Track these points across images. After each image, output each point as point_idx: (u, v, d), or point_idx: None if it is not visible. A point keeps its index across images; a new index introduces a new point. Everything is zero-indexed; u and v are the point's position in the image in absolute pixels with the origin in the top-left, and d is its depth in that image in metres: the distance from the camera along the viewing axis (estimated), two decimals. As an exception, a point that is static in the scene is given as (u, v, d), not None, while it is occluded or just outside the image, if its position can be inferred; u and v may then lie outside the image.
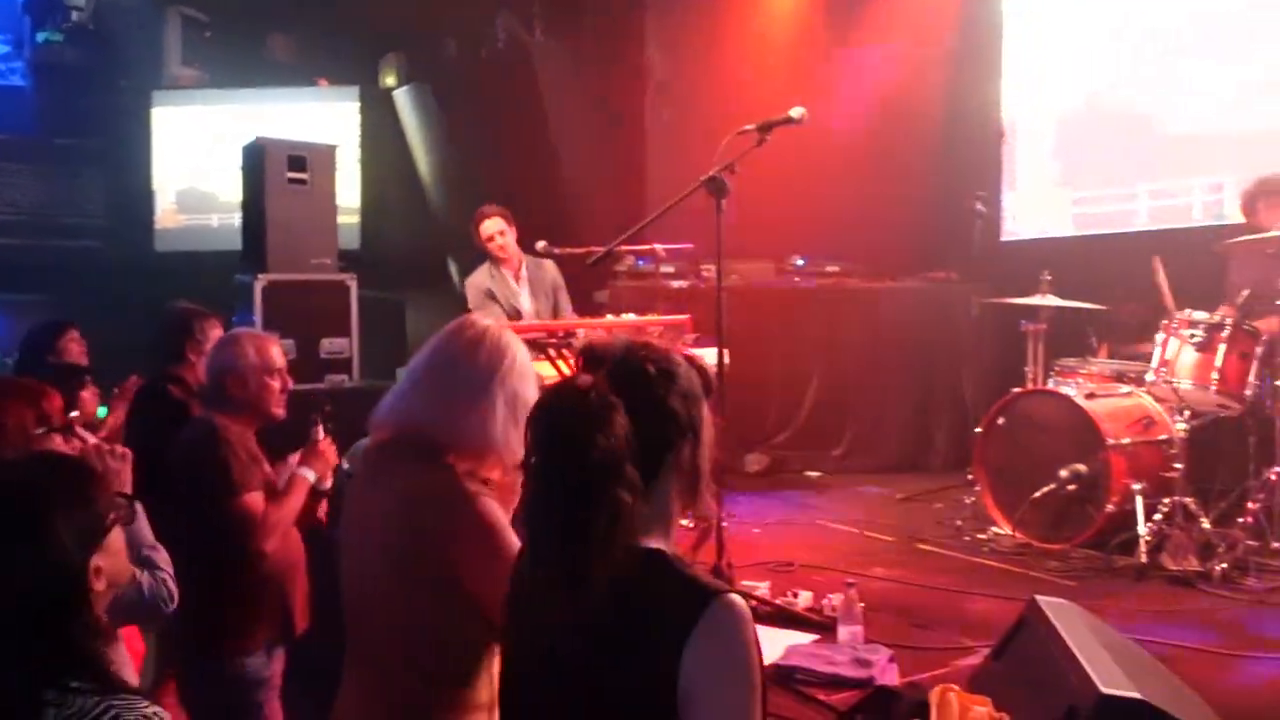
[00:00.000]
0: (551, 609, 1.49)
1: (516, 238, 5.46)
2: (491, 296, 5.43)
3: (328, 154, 6.00)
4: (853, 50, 7.25)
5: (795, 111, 3.77)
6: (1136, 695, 1.99)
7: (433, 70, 8.47)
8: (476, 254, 5.87)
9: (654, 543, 1.50)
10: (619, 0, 7.67)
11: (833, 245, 6.77)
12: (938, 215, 6.54)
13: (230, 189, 8.47)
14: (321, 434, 2.81)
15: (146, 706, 1.45)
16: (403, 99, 8.62)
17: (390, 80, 8.81)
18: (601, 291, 6.48)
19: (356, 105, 8.71)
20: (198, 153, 8.69)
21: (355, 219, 8.49)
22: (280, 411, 2.74)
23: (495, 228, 5.43)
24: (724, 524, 3.89)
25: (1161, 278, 4.73)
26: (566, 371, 4.56)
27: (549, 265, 5.56)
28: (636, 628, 1.41)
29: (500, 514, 1.81)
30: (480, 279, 5.49)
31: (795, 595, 3.69)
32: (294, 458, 2.84)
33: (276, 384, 2.72)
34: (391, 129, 8.69)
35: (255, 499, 2.59)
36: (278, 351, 2.78)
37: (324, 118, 8.68)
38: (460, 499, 1.80)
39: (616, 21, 7.71)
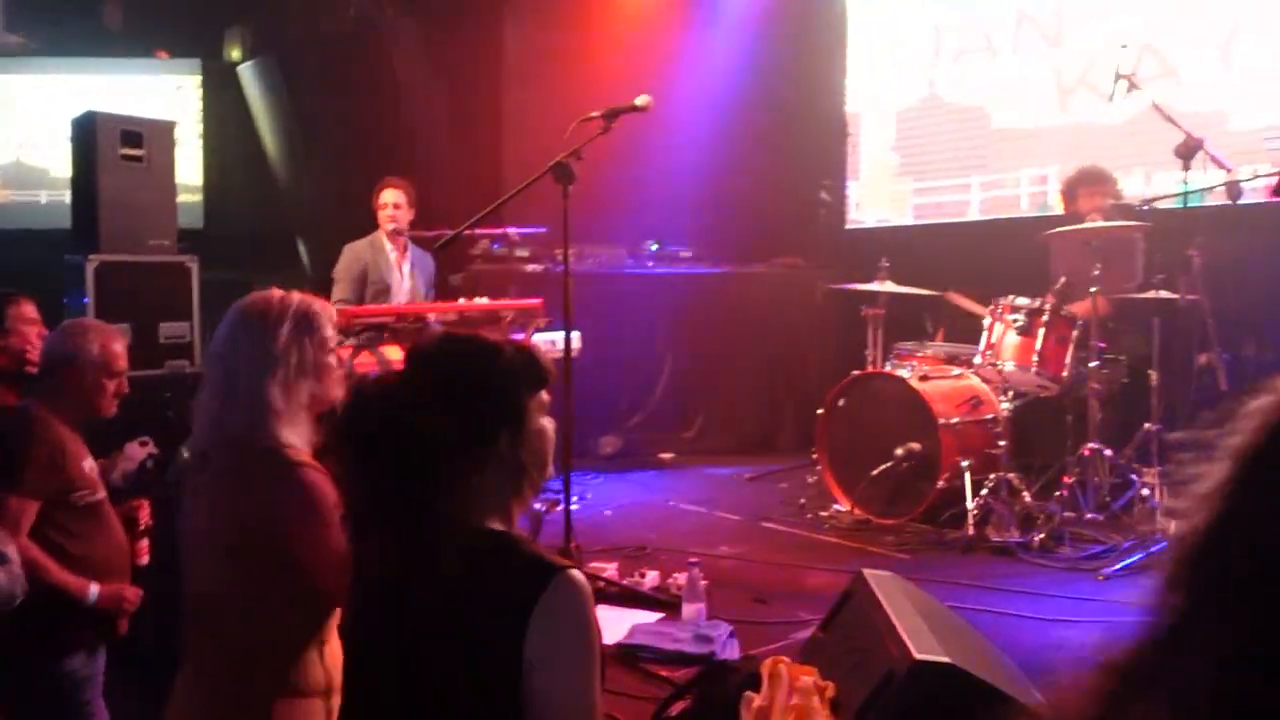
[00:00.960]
0: (392, 591, 1.53)
1: (411, 219, 5.41)
2: (363, 269, 5.34)
3: (166, 130, 5.77)
4: (705, 39, 7.36)
5: (641, 100, 3.82)
6: (946, 660, 2.13)
7: (279, 45, 8.21)
8: (330, 232, 5.76)
9: (494, 525, 1.55)
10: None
11: (685, 231, 6.89)
12: (785, 203, 6.73)
13: (62, 164, 8.05)
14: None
15: None
16: (248, 74, 8.33)
17: (234, 54, 8.50)
18: (456, 275, 6.44)
19: (198, 79, 8.39)
20: (24, 125, 8.22)
21: (198, 197, 8.19)
22: (111, 411, 2.66)
23: (393, 198, 5.38)
24: (574, 506, 3.96)
25: (961, 302, 5.04)
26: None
27: (429, 256, 5.53)
28: (479, 605, 1.45)
29: (325, 484, 1.83)
30: (360, 248, 5.41)
31: (642, 575, 3.77)
32: (131, 446, 2.77)
33: (112, 386, 2.63)
34: (236, 104, 8.40)
35: (20, 507, 2.42)
36: (122, 351, 2.69)
37: (164, 91, 8.32)
38: (283, 471, 1.82)
39: (472, 1, 7.63)
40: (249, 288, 6.50)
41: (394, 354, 4.59)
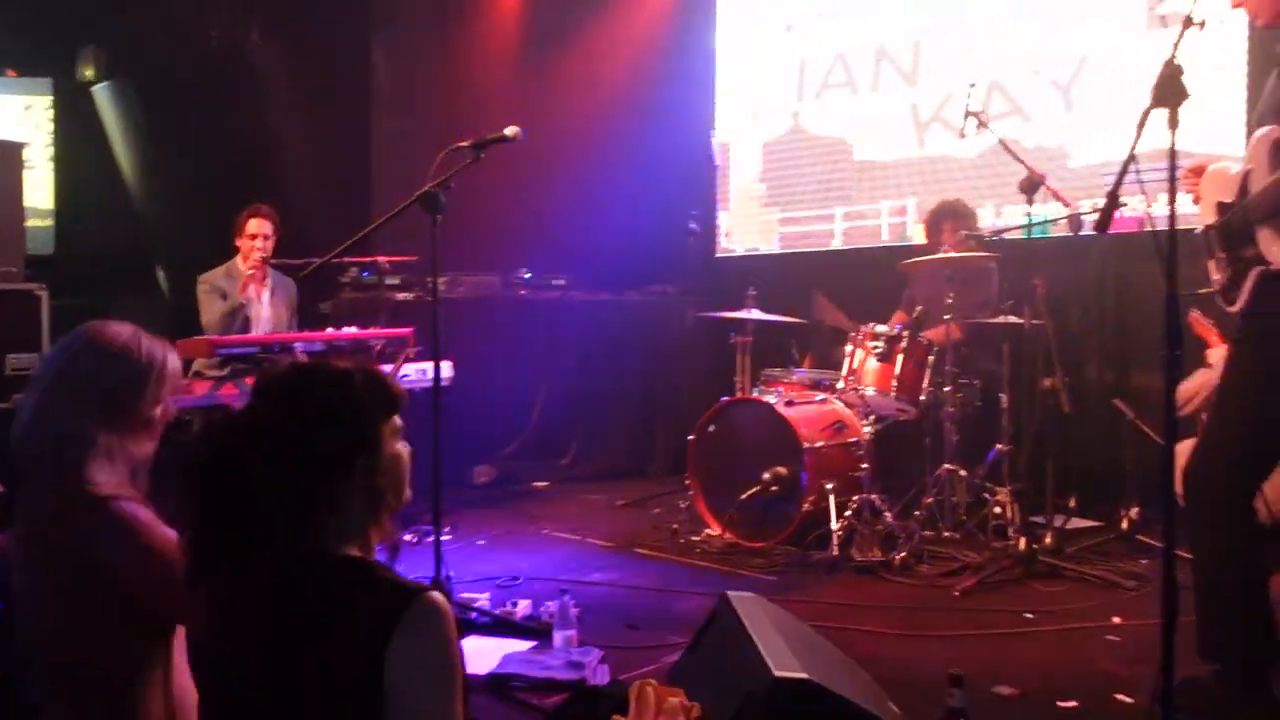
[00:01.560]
0: (245, 625, 1.50)
1: (274, 245, 5.29)
2: (224, 299, 5.20)
3: (13, 151, 5.53)
4: (576, 69, 7.44)
5: (510, 130, 3.84)
6: (805, 676, 2.19)
7: (137, 65, 7.95)
8: (190, 259, 5.59)
9: (352, 553, 1.54)
10: (342, 5, 7.49)
11: (558, 259, 6.92)
12: (657, 231, 6.82)
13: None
14: None
15: None
16: (103, 95, 8.03)
17: (88, 73, 8.18)
18: (325, 303, 6.32)
19: (49, 99, 8.04)
20: None
21: (49, 222, 7.83)
22: None
23: (261, 229, 5.23)
24: (445, 537, 3.92)
25: (824, 305, 5.20)
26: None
27: (291, 283, 5.41)
28: (336, 633, 1.44)
29: (144, 513, 1.81)
30: (217, 278, 5.25)
31: (514, 605, 3.76)
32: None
33: None
34: (90, 126, 8.08)
35: None
36: None
37: (12, 111, 7.95)
38: (94, 507, 1.78)
39: (340, 27, 7.53)
40: (104, 316, 6.24)
41: (258, 384, 4.49)
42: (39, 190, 7.41)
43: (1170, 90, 2.50)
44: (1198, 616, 2.84)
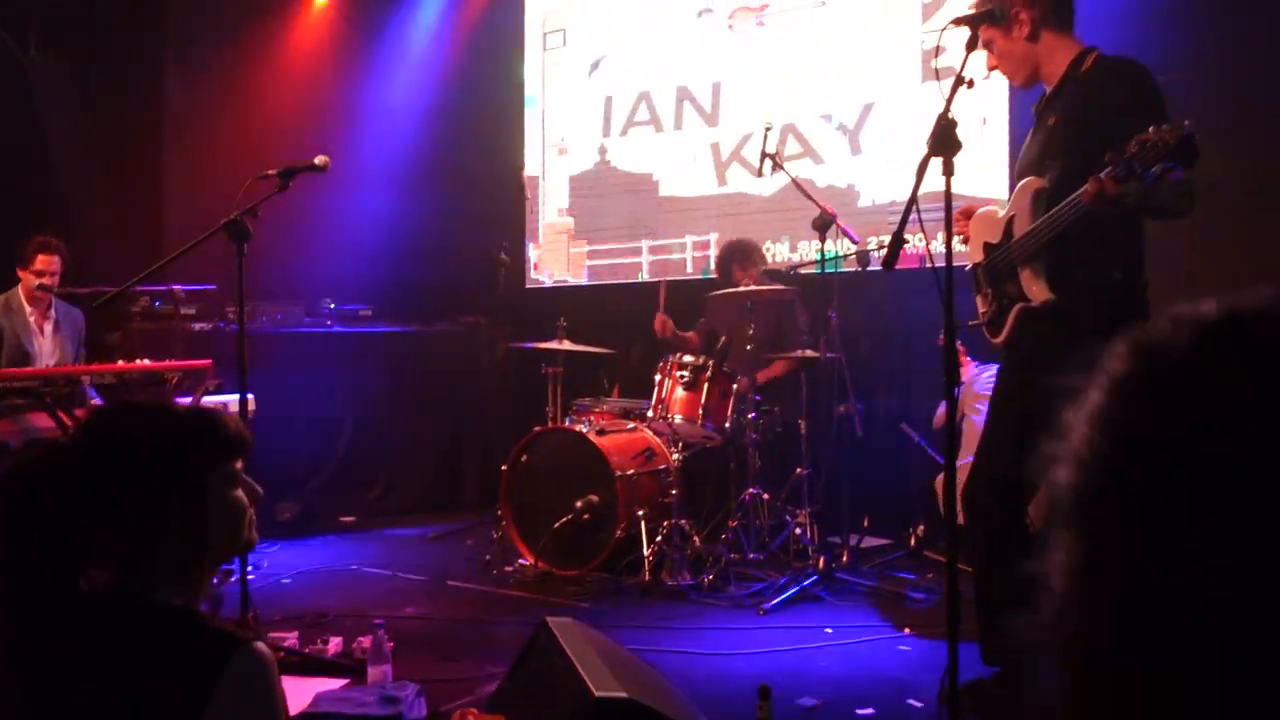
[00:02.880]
0: (53, 679, 1.43)
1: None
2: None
3: None
4: (383, 101, 7.38)
5: (319, 160, 3.80)
6: (624, 695, 2.26)
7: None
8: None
9: (174, 601, 1.49)
10: (131, 23, 7.16)
11: (365, 289, 6.81)
12: (466, 262, 6.82)
13: None
14: None
15: None
16: None
17: None
18: (113, 334, 5.99)
19: None
20: None
21: None
22: None
23: (48, 266, 4.95)
24: (250, 576, 3.80)
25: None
26: (68, 424, 4.19)
27: (78, 314, 5.10)
28: (154, 686, 1.38)
29: None
30: None
31: (325, 642, 3.67)
32: None
33: None
34: None
35: None
36: None
37: None
38: None
39: (129, 47, 7.19)
40: None
41: (41, 421, 4.23)
42: None
43: (944, 141, 2.74)
44: (980, 625, 3.08)
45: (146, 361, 4.70)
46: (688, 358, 5.01)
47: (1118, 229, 2.88)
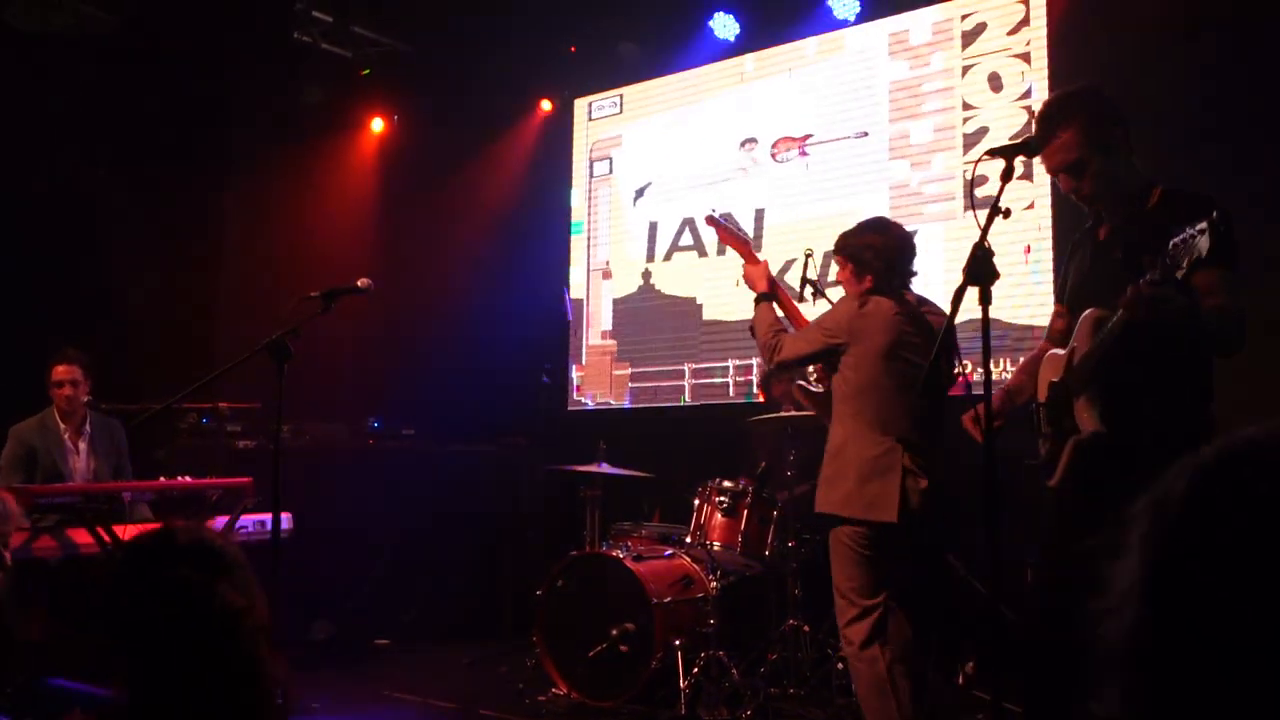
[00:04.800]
0: None
1: (88, 390, 5.06)
2: (32, 454, 4.92)
3: None
4: (432, 224, 7.57)
5: (362, 282, 3.87)
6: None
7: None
8: (14, 407, 5.31)
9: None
10: (199, 150, 7.46)
11: (408, 409, 6.86)
12: (509, 383, 6.86)
13: None
14: None
15: None
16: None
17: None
18: (161, 450, 6.07)
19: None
20: None
21: None
22: None
23: (68, 375, 5.00)
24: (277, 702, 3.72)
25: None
26: (107, 540, 4.20)
27: (117, 425, 5.17)
28: None
29: None
30: (26, 431, 4.97)
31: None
32: None
33: None
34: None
35: None
36: None
37: None
38: None
39: (193, 170, 7.48)
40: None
41: (81, 537, 4.25)
42: None
43: (981, 270, 2.72)
44: None
45: (187, 479, 4.73)
46: (727, 483, 4.94)
47: (1178, 356, 2.80)
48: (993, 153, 2.91)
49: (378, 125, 8.05)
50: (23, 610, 1.94)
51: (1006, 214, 2.79)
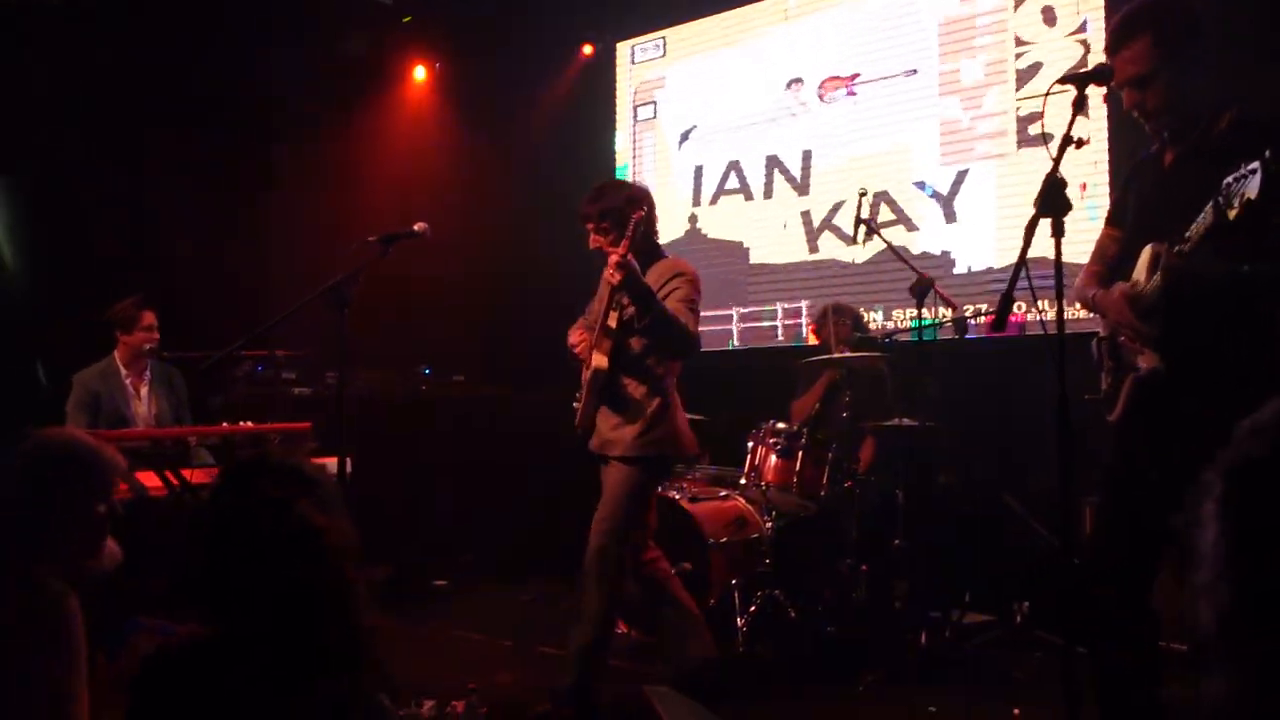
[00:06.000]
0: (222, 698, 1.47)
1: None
2: (96, 400, 5.02)
3: (-111, 238, 5.33)
4: (477, 172, 7.55)
5: (418, 226, 3.89)
6: (729, 768, 2.20)
7: (17, 153, 7.74)
8: (69, 352, 5.41)
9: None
10: (246, 102, 7.47)
11: (459, 355, 6.91)
12: (559, 328, 6.87)
13: None
14: None
15: None
16: (-14, 184, 7.80)
17: (-30, 163, 7.94)
18: (217, 398, 6.16)
19: (-73, 186, 7.77)
20: None
21: (-81, 313, 7.49)
22: None
23: (155, 322, 5.11)
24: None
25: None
26: (175, 483, 4.29)
27: (176, 373, 5.26)
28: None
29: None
30: (90, 378, 5.07)
31: (419, 705, 3.65)
32: None
33: None
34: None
35: None
36: None
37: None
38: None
39: (241, 123, 7.51)
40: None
41: (150, 480, 4.33)
42: (-90, 279, 7.11)
43: (1054, 201, 2.67)
44: (1102, 705, 2.93)
45: (249, 424, 4.81)
46: (781, 425, 4.94)
47: (1239, 291, 2.75)
48: (1065, 80, 2.84)
49: (420, 74, 8.03)
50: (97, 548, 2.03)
51: (1080, 144, 2.73)
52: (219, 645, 1.52)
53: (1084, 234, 5.17)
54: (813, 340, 5.79)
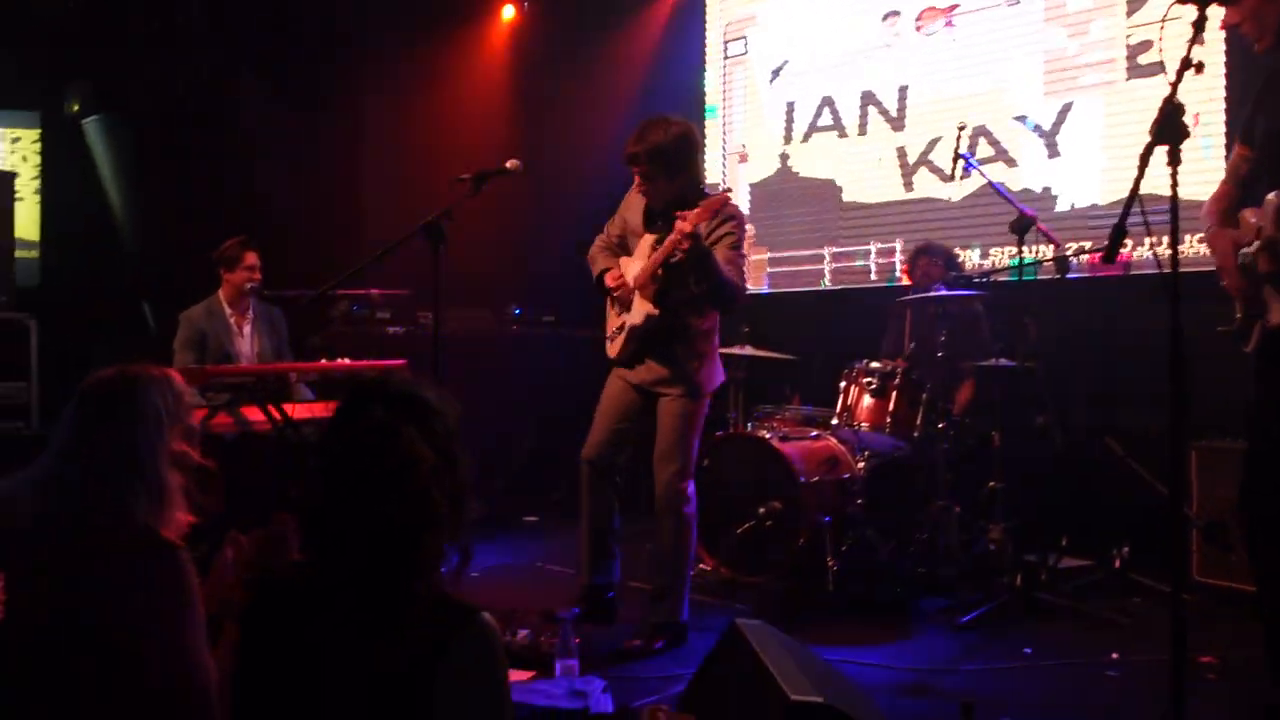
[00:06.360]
0: (293, 629, 1.49)
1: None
2: (202, 337, 5.17)
3: (3, 181, 5.54)
4: (566, 113, 7.52)
5: (510, 163, 3.89)
6: (821, 700, 2.19)
7: (126, 101, 7.96)
8: (177, 295, 5.57)
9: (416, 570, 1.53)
10: (335, 40, 7.55)
11: (549, 296, 6.94)
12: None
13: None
14: None
15: None
16: (92, 129, 8.05)
17: (76, 107, 8.19)
18: (315, 337, 6.31)
19: (37, 132, 8.05)
20: None
21: (35, 254, 7.81)
22: None
23: (258, 262, 5.25)
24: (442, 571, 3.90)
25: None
26: (277, 418, 4.41)
27: (278, 312, 5.39)
28: (392, 650, 1.43)
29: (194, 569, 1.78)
30: (196, 315, 5.22)
31: (513, 634, 3.73)
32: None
33: None
34: (78, 159, 8.08)
35: None
36: None
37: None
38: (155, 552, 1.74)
39: (332, 63, 7.59)
40: (89, 350, 6.21)
41: (253, 414, 4.47)
42: (25, 222, 7.39)
43: (1171, 128, 2.55)
44: (1269, 645, 2.86)
45: (346, 360, 4.91)
46: (874, 365, 4.87)
47: None
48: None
49: (508, 12, 8.00)
50: (203, 483, 2.02)
51: (1199, 68, 2.61)
52: (317, 581, 1.51)
53: (1197, 171, 4.94)
54: (906, 280, 5.68)
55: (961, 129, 4.86)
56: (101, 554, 1.73)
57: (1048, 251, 5.23)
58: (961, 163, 4.78)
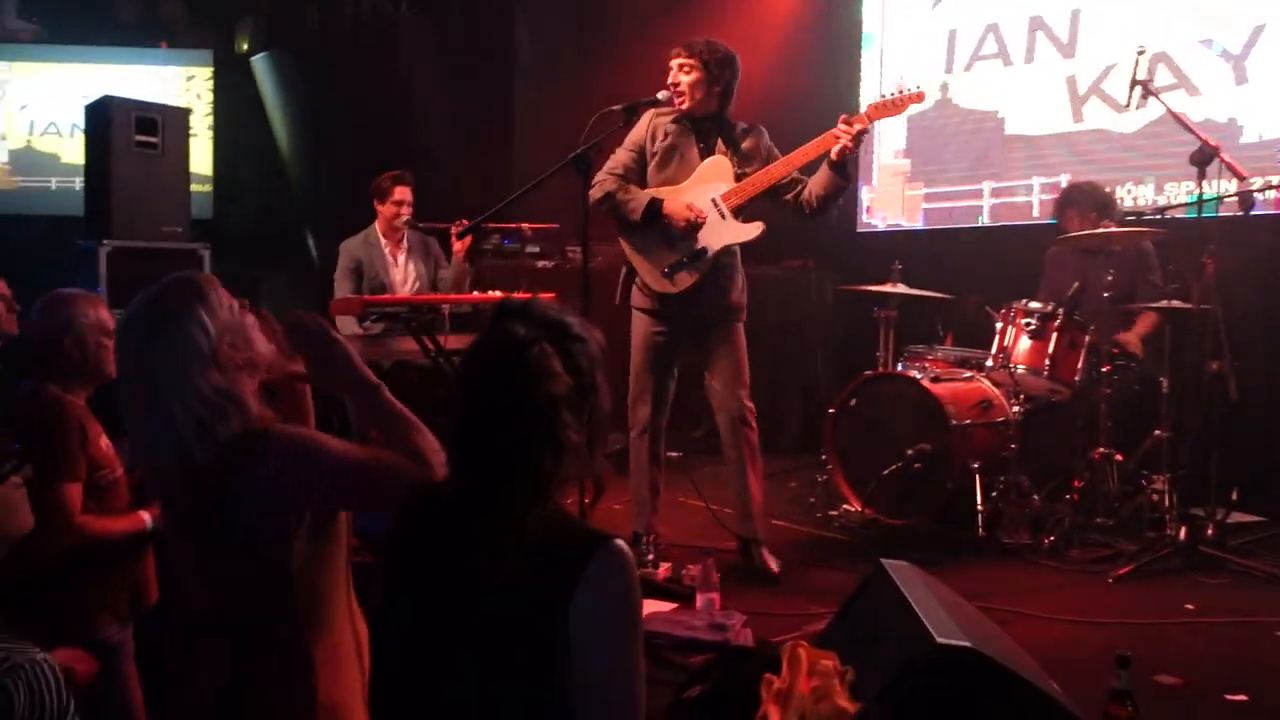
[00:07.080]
0: (436, 554, 1.52)
1: (412, 210, 5.45)
2: (359, 267, 5.35)
3: (181, 117, 5.80)
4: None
5: (661, 94, 3.85)
6: (968, 644, 2.13)
7: (292, 38, 8.23)
8: (339, 227, 5.76)
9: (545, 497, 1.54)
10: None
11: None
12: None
13: (71, 151, 8.07)
14: None
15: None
16: (260, 66, 8.36)
17: (244, 45, 8.52)
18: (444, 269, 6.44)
19: (209, 70, 8.41)
20: (35, 112, 8.24)
21: (208, 188, 8.21)
22: (114, 370, 2.56)
23: (406, 196, 5.38)
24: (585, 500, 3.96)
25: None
26: (429, 346, 4.53)
27: (433, 242, 5.52)
28: (527, 572, 1.45)
29: (298, 431, 1.80)
30: (354, 245, 5.40)
31: (655, 566, 3.77)
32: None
33: (110, 343, 2.54)
34: (247, 96, 8.42)
35: (73, 492, 2.45)
36: (108, 313, 2.66)
37: (174, 81, 8.35)
38: (263, 441, 1.73)
39: (482, 2, 7.66)
40: (257, 280, 6.48)
41: (406, 345, 4.60)
42: (199, 158, 7.77)
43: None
44: None
45: (498, 292, 5.00)
46: (1035, 304, 4.66)
47: None
48: None
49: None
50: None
51: None
52: (458, 500, 1.53)
53: None
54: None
55: (1140, 53, 4.55)
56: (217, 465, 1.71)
57: (1230, 186, 4.87)
58: (1139, 89, 4.48)
